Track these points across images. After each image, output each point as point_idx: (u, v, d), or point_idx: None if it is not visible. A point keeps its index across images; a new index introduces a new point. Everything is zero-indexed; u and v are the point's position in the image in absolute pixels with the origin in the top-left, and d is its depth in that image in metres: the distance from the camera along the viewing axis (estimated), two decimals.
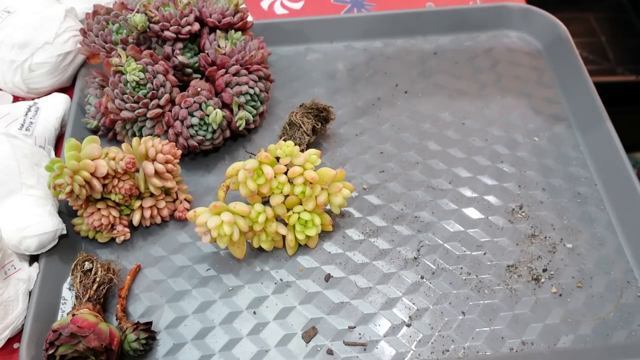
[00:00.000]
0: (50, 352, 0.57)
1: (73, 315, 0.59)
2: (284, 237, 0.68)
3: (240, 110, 0.74)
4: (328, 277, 0.67)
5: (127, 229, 0.69)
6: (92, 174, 0.64)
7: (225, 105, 0.74)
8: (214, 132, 0.73)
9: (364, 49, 0.89)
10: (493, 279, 0.66)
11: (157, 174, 0.67)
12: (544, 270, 0.67)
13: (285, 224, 0.68)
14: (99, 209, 0.67)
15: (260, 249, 0.68)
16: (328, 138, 0.79)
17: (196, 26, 0.75)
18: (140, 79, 0.69)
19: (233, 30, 0.77)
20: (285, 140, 0.72)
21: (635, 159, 1.31)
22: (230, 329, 0.63)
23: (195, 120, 0.71)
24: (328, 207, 0.69)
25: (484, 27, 0.91)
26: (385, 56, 0.88)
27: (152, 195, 0.69)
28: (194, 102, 0.71)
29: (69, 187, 0.62)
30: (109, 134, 0.77)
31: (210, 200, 0.73)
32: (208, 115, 0.71)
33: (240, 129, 0.75)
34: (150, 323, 0.62)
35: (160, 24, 0.73)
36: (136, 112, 0.71)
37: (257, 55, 0.77)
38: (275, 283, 0.66)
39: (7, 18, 0.79)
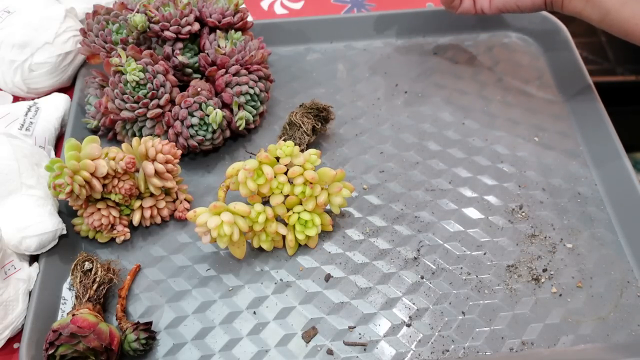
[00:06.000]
0: (50, 352, 0.57)
1: (73, 315, 0.59)
2: (284, 237, 0.68)
3: (240, 110, 0.74)
4: (328, 277, 0.67)
5: (127, 229, 0.69)
6: (92, 174, 0.64)
7: (225, 105, 0.74)
8: (214, 132, 0.73)
9: (364, 49, 0.89)
10: (493, 279, 0.66)
11: (157, 174, 0.67)
12: (544, 270, 0.67)
13: (285, 224, 0.68)
14: (99, 209, 0.67)
15: (260, 249, 0.68)
16: (328, 138, 0.79)
17: (196, 26, 0.75)
18: (140, 79, 0.69)
19: (233, 30, 0.77)
20: (285, 140, 0.72)
21: (635, 159, 1.31)
22: (230, 329, 0.63)
23: (195, 120, 0.71)
24: (328, 207, 0.69)
25: (484, 27, 0.91)
26: (385, 56, 0.88)
27: (152, 195, 0.69)
28: (194, 102, 0.71)
29: (69, 187, 0.62)
30: (109, 134, 0.77)
31: (210, 200, 0.73)
32: (208, 115, 0.71)
33: (240, 129, 0.75)
34: (150, 323, 0.62)
35: (160, 24, 0.73)
36: (136, 112, 0.71)
37: (257, 55, 0.77)
38: (275, 283, 0.66)
39: (7, 18, 0.79)
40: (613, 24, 0.68)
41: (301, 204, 0.67)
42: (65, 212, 0.70)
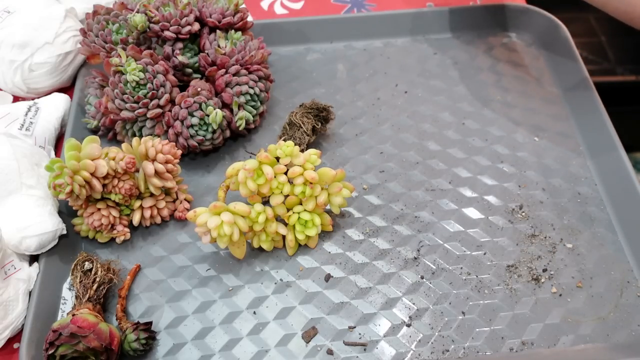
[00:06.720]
0: (50, 352, 0.57)
1: (73, 315, 0.59)
2: (284, 237, 0.68)
3: (240, 110, 0.74)
4: (328, 277, 0.67)
5: (127, 229, 0.69)
6: (92, 174, 0.64)
7: (225, 105, 0.75)
8: (214, 132, 0.73)
9: (364, 49, 0.89)
10: (493, 279, 0.66)
11: (157, 174, 0.67)
12: (544, 270, 0.67)
13: (285, 224, 0.68)
14: (99, 209, 0.67)
15: (260, 249, 0.68)
16: (328, 138, 0.79)
17: (196, 26, 0.75)
18: (140, 79, 0.69)
19: (233, 30, 0.77)
20: (285, 140, 0.72)
21: (635, 159, 1.31)
22: (230, 329, 0.63)
23: (195, 120, 0.71)
24: (328, 207, 0.69)
25: (484, 27, 0.91)
26: (385, 56, 0.88)
27: (152, 195, 0.69)
28: (194, 102, 0.71)
29: (69, 187, 0.62)
30: (109, 134, 0.77)
31: (210, 200, 0.73)
32: (208, 115, 0.71)
33: (240, 129, 0.75)
34: (150, 323, 0.62)
35: (160, 24, 0.73)
36: (136, 112, 0.71)
37: (257, 55, 0.77)
38: (275, 283, 0.66)
39: (7, 18, 0.79)
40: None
41: (301, 204, 0.67)
42: (65, 212, 0.70)
